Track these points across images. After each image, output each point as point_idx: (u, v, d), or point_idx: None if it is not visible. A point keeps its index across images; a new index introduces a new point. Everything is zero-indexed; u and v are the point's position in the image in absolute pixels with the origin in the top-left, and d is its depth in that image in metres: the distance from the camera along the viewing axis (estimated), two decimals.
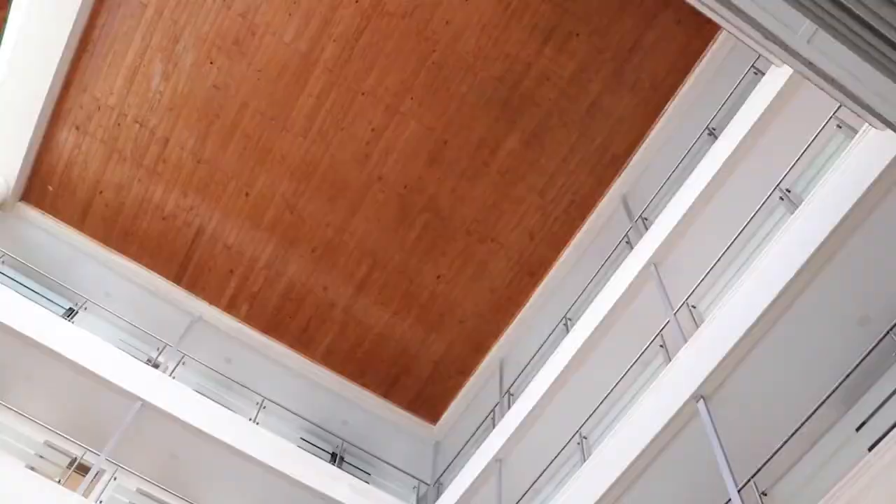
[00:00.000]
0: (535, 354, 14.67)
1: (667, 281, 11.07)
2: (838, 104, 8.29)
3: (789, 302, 8.33)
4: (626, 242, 13.07)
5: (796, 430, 7.60)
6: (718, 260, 10.25)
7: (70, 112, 15.13)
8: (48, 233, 16.10)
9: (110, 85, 14.77)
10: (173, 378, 14.48)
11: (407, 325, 16.54)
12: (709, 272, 10.33)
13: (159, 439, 13.48)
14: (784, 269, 8.35)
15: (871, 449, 6.64)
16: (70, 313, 14.95)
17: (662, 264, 11.33)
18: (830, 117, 9.28)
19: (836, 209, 8.00)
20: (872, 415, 7.23)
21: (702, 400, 8.81)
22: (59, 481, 11.78)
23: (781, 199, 9.70)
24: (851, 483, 6.36)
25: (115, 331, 15.20)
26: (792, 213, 9.01)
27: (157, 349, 15.36)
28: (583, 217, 15.06)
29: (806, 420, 7.55)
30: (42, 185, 15.96)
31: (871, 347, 7.41)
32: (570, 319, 13.94)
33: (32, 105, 14.85)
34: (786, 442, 7.65)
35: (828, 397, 7.49)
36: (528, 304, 15.88)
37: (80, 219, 16.21)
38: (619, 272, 12.21)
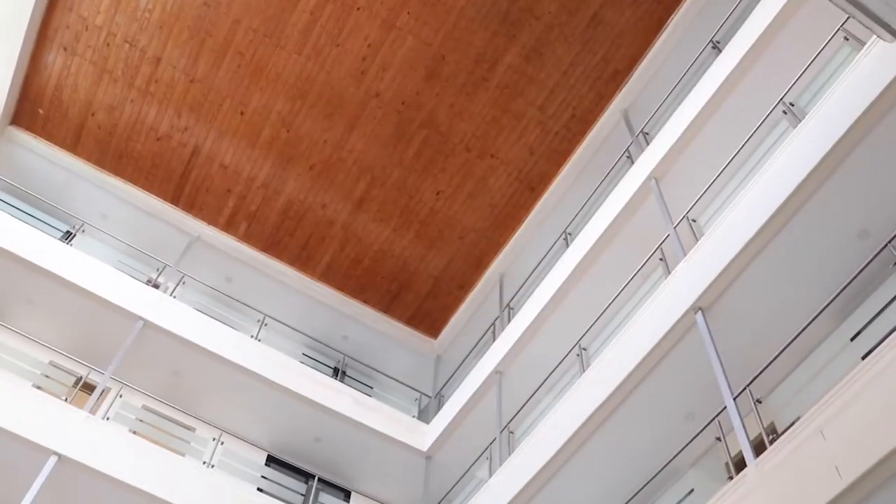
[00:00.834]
0: (535, 269, 14.82)
1: (667, 195, 11.08)
2: (847, 16, 8.15)
3: (790, 215, 8.36)
4: (627, 157, 13.03)
5: (792, 341, 7.72)
6: (720, 174, 10.24)
7: (57, 32, 14.79)
8: (41, 156, 15.97)
9: (97, 4, 14.41)
10: (174, 298, 14.62)
11: (406, 242, 16.61)
12: (710, 186, 10.33)
13: (162, 357, 13.72)
14: (785, 182, 8.36)
15: (864, 357, 6.78)
16: (67, 236, 14.98)
17: (663, 179, 11.33)
18: (838, 29, 9.12)
19: (839, 122, 7.96)
20: (867, 325, 7.35)
21: (700, 312, 8.94)
22: (65, 399, 11.99)
23: (785, 112, 9.62)
24: (844, 390, 6.52)
25: (114, 253, 15.28)
26: (795, 126, 8.97)
27: (157, 270, 15.46)
28: (583, 132, 14.96)
29: (802, 331, 7.67)
30: (32, 108, 15.74)
31: (869, 259, 7.45)
32: (569, 234, 14.02)
33: (17, 26, 14.48)
34: (781, 351, 7.78)
35: (825, 308, 7.57)
36: (527, 220, 15.94)
37: (73, 141, 16.07)
38: (619, 187, 12.23)
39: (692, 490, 8.52)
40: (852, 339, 7.37)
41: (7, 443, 10.76)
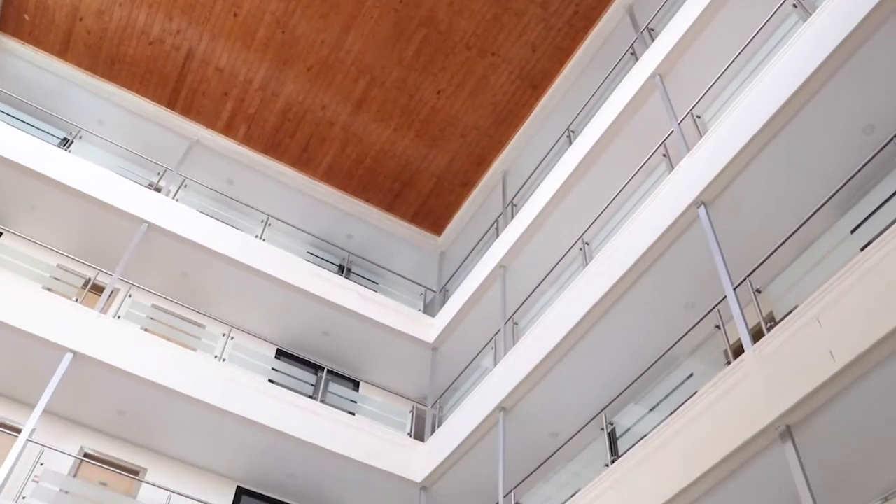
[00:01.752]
0: (538, 166, 14.92)
1: (672, 92, 11.05)
2: None
3: (795, 110, 8.42)
4: (632, 54, 12.92)
5: (793, 233, 7.93)
6: (725, 70, 10.18)
7: None
8: (31, 63, 15.72)
9: None
10: (176, 201, 14.70)
11: (408, 141, 16.63)
12: (715, 82, 10.28)
13: (168, 259, 13.95)
14: (792, 77, 8.38)
15: (863, 249, 6.97)
16: (65, 143, 14.92)
17: (668, 75, 11.28)
18: None
19: (850, 16, 7.91)
20: (867, 218, 7.50)
21: (703, 206, 9.11)
22: (76, 300, 12.25)
23: (795, 6, 9.47)
24: (841, 280, 6.77)
25: (114, 158, 15.25)
26: (804, 20, 8.89)
27: (158, 174, 15.51)
28: (587, 28, 14.76)
29: (803, 223, 7.86)
30: (17, 14, 15.38)
31: (874, 153, 7.55)
32: (573, 132, 14.05)
33: None
34: (782, 243, 8.00)
35: (826, 201, 7.74)
36: (530, 118, 15.90)
37: (63, 47, 15.82)
38: (623, 84, 12.18)
39: (691, 375, 8.86)
40: (852, 232, 7.53)
41: (24, 342, 11.10)
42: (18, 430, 10.51)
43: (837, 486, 7.28)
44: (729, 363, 7.95)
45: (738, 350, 7.94)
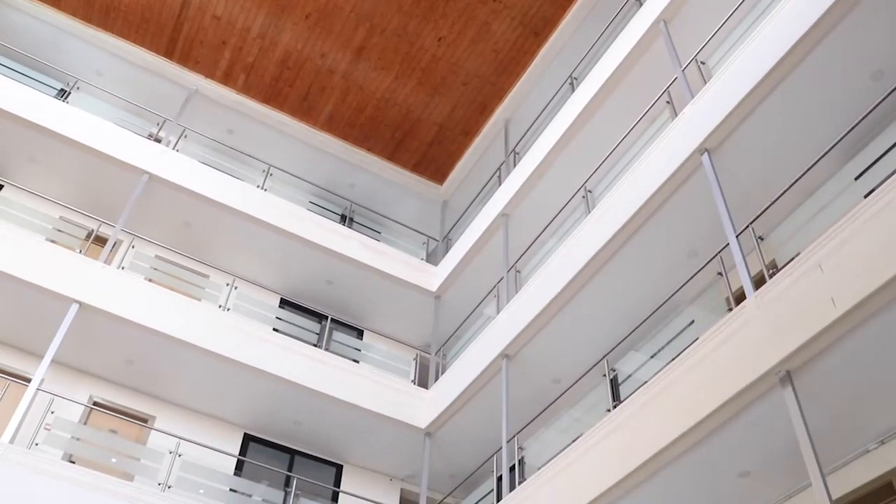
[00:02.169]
0: (540, 114, 14.81)
1: (676, 38, 10.90)
2: None
3: (802, 56, 8.34)
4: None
5: (797, 179, 7.90)
6: (731, 15, 10.02)
7: None
8: (26, 13, 15.43)
9: None
10: (177, 151, 14.65)
11: (409, 89, 16.48)
12: (720, 27, 10.14)
13: (170, 210, 13.97)
14: (799, 22, 8.26)
15: (866, 196, 6.98)
16: (62, 94, 14.78)
17: (672, 21, 11.12)
18: None
19: None
20: (872, 165, 7.50)
21: (706, 153, 9.08)
22: (79, 252, 12.29)
23: None
24: (844, 226, 6.79)
25: (112, 109, 15.14)
26: None
27: (157, 125, 15.42)
28: None
29: (807, 170, 7.83)
30: None
31: (881, 99, 7.48)
32: (575, 79, 13.92)
33: None
34: (786, 190, 7.99)
35: (832, 148, 7.70)
36: (532, 65, 15.69)
37: None
38: (626, 30, 12.02)
39: (692, 321, 8.93)
40: (856, 179, 7.54)
41: (30, 294, 11.21)
42: (28, 380, 10.66)
43: (836, 431, 7.40)
44: (730, 310, 8.00)
45: (739, 297, 8.00)
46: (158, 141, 14.82)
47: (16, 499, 9.30)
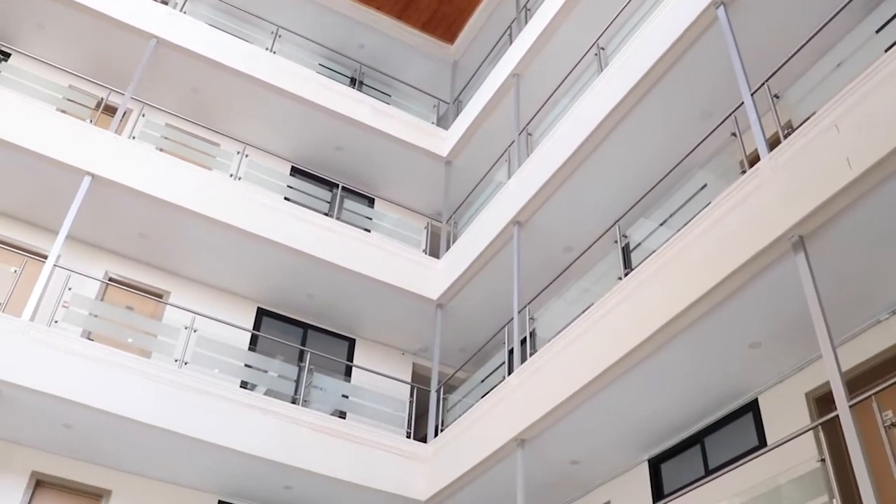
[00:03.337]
0: None
1: None
2: None
3: None
4: None
5: (816, 33, 7.44)
6: None
7: None
8: None
9: None
10: (184, 13, 14.24)
11: None
12: None
13: (179, 75, 13.73)
14: None
15: (887, 50, 6.57)
16: None
17: None
18: None
19: None
20: (895, 17, 7.00)
21: (722, 6, 8.57)
22: (90, 121, 12.16)
23: None
24: (863, 83, 6.43)
25: None
26: None
27: None
28: None
29: (826, 23, 7.34)
30: None
31: None
32: None
33: None
34: (803, 45, 7.55)
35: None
36: None
37: None
38: None
39: (705, 185, 8.68)
40: (877, 32, 7.07)
41: (43, 167, 11.21)
42: (45, 257, 10.78)
43: (848, 301, 7.31)
44: (744, 173, 7.75)
45: (753, 160, 7.73)
46: (165, 2, 14.37)
47: (37, 376, 9.57)
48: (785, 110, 7.73)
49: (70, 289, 10.79)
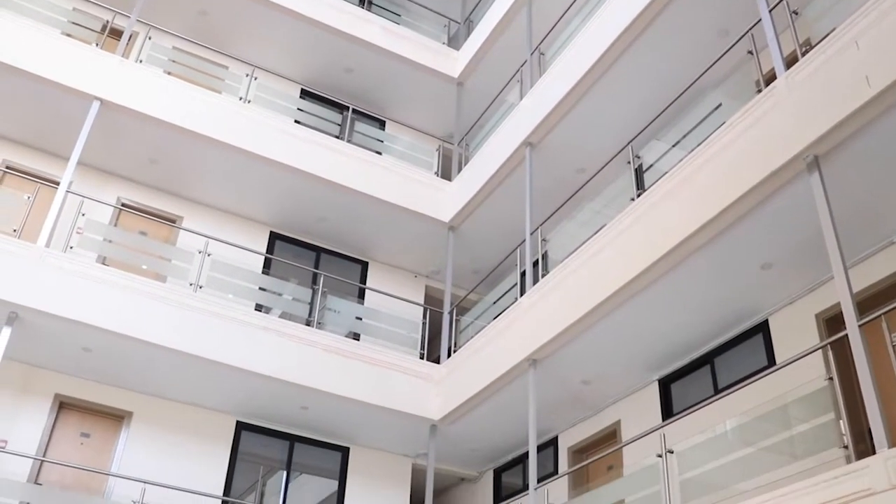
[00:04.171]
0: None
1: None
2: None
3: None
4: None
5: None
6: None
7: None
8: None
9: None
10: None
11: None
12: None
13: None
14: None
15: None
16: None
17: None
18: None
19: None
20: None
21: None
22: (96, 45, 12.01)
23: None
24: None
25: None
26: None
27: None
28: None
29: None
30: None
31: None
32: None
33: None
34: None
35: None
36: None
37: None
38: None
39: (720, 105, 8.54)
40: None
41: (51, 93, 11.15)
42: (57, 183, 10.81)
43: (861, 222, 7.29)
44: (759, 92, 7.61)
45: (770, 80, 7.59)
46: None
47: (55, 301, 9.72)
48: (804, 27, 7.57)
49: (83, 215, 10.85)
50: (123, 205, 12.19)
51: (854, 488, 5.31)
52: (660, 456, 7.38)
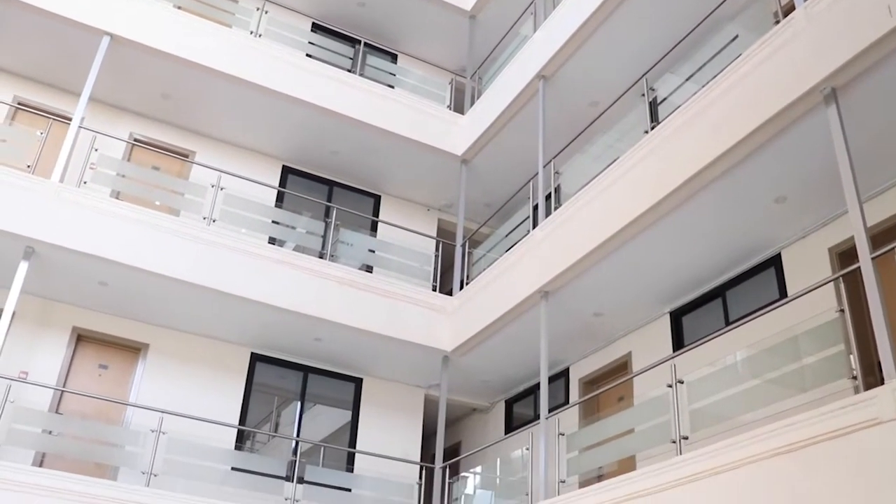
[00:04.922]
0: None
1: None
2: None
3: None
4: None
5: None
6: None
7: None
8: None
9: None
10: None
11: None
12: None
13: None
14: None
15: None
16: None
17: None
18: None
19: None
20: None
21: None
22: None
23: None
24: None
25: None
26: None
27: None
28: None
29: None
30: None
31: None
32: None
33: None
34: None
35: None
36: None
37: None
38: None
39: (736, 37, 8.38)
40: None
41: (61, 28, 11.09)
42: (69, 119, 10.80)
43: (876, 157, 7.22)
44: (777, 23, 7.47)
45: (788, 11, 7.46)
46: None
47: (70, 235, 9.83)
48: None
49: (96, 150, 10.86)
50: (136, 140, 12.20)
51: (860, 418, 5.36)
52: (670, 386, 7.47)
